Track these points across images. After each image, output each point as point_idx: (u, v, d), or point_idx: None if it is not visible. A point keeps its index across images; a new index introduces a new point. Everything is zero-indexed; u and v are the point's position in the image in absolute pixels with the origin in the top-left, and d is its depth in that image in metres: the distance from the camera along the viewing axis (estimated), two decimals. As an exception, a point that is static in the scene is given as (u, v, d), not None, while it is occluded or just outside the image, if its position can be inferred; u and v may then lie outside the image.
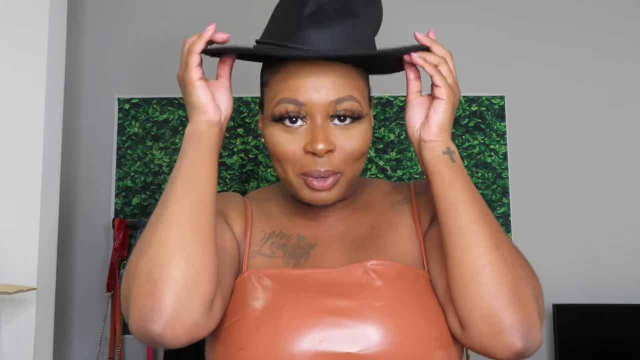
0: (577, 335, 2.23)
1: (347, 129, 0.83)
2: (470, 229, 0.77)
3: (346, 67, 0.84)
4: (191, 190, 0.76)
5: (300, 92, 0.81)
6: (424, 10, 2.56)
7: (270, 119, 0.85)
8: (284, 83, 0.83)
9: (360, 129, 0.83)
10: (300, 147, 0.82)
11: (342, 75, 0.82)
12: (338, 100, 0.81)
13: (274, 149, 0.84)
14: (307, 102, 0.81)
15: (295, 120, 0.82)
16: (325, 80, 0.81)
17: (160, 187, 2.42)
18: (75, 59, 2.50)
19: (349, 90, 0.82)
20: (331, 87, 0.81)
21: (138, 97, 2.47)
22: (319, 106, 0.81)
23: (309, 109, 0.81)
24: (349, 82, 0.83)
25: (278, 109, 0.82)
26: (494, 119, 2.46)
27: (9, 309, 1.57)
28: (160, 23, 2.53)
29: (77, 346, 2.37)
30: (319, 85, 0.81)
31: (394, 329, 0.77)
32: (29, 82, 1.64)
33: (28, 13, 1.66)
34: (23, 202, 1.60)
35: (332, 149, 0.81)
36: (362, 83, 0.86)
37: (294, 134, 0.82)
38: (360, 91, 0.84)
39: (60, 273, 2.39)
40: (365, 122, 0.84)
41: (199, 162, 0.78)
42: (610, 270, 2.39)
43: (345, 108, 0.82)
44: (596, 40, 2.53)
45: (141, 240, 0.75)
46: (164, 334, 0.70)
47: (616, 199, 2.43)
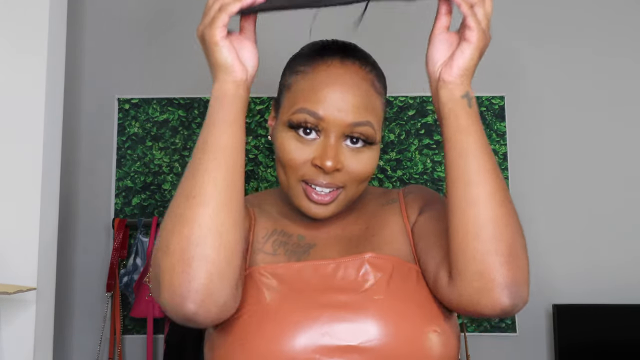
0: (577, 335, 2.23)
1: (358, 152, 0.83)
2: (478, 179, 0.76)
3: (370, 90, 0.85)
4: (223, 161, 0.74)
5: (322, 106, 0.82)
6: (424, 11, 2.55)
7: (285, 124, 0.85)
8: (307, 93, 0.84)
9: (370, 154, 0.84)
10: (309, 158, 0.82)
11: (365, 99, 0.83)
12: (355, 124, 0.82)
13: (282, 155, 0.84)
14: (326, 117, 0.82)
15: (310, 132, 0.83)
16: (348, 101, 0.82)
17: (160, 187, 2.42)
18: (75, 59, 2.50)
19: (368, 115, 0.83)
20: (352, 109, 0.82)
21: (138, 97, 2.47)
22: (336, 124, 0.82)
23: (326, 125, 0.82)
24: (370, 106, 0.84)
25: (296, 117, 0.83)
26: (494, 119, 2.46)
27: (9, 309, 1.57)
28: (161, 23, 2.53)
29: (77, 346, 2.37)
30: (341, 105, 0.82)
31: (393, 321, 0.79)
32: (29, 82, 1.64)
33: (28, 13, 1.66)
34: (23, 202, 1.60)
35: (339, 169, 0.82)
36: (380, 108, 0.87)
37: (305, 145, 0.83)
38: (377, 117, 0.86)
39: (60, 273, 2.39)
40: (375, 148, 0.85)
41: (228, 128, 0.76)
42: (610, 270, 2.39)
43: (361, 132, 0.82)
44: (596, 41, 2.53)
45: (173, 214, 0.75)
46: (198, 313, 0.71)
47: (616, 199, 2.43)
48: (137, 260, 2.28)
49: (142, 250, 2.29)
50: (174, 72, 2.50)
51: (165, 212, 0.77)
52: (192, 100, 2.47)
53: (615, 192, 2.44)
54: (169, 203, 0.80)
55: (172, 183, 2.42)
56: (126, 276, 2.26)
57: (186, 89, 2.49)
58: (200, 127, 0.78)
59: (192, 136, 2.46)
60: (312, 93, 0.83)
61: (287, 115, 0.85)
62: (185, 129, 2.46)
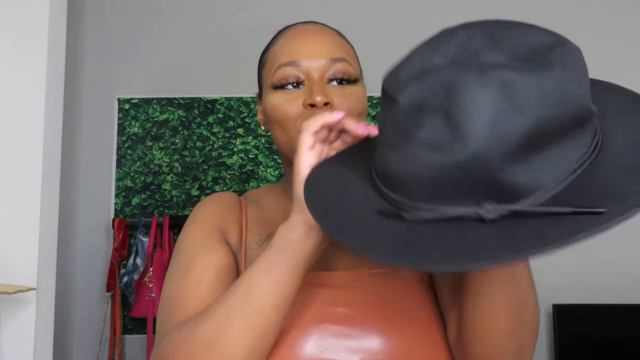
0: (577, 335, 2.23)
1: (343, 89, 0.84)
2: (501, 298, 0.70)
3: (339, 37, 0.88)
4: (266, 322, 0.69)
5: (297, 55, 0.84)
6: (425, 10, 2.56)
7: (270, 87, 0.86)
8: (280, 51, 0.86)
9: (356, 90, 0.85)
10: (300, 104, 0.83)
11: (336, 41, 0.86)
12: (333, 60, 0.84)
13: (274, 113, 0.84)
14: (304, 62, 0.83)
15: (295, 85, 0.84)
16: (321, 44, 0.85)
17: (160, 187, 2.42)
18: (75, 59, 2.50)
19: (342, 53, 0.85)
20: (325, 49, 0.84)
21: (138, 97, 2.47)
22: (315, 67, 0.83)
23: (306, 71, 0.83)
24: (343, 47, 0.87)
25: (277, 75, 0.84)
26: (494, 119, 2.46)
27: (9, 309, 1.57)
28: (161, 23, 2.53)
29: (77, 346, 2.37)
30: (315, 49, 0.84)
31: (396, 337, 0.77)
32: (29, 82, 1.64)
33: (28, 13, 1.66)
34: (23, 202, 1.60)
35: (330, 102, 0.81)
36: (353, 52, 0.89)
37: (293, 96, 0.83)
38: (352, 58, 0.87)
39: (60, 273, 2.39)
40: (360, 86, 0.86)
41: (288, 289, 0.70)
42: (610, 270, 2.39)
43: (341, 69, 0.84)
44: (595, 40, 2.53)
45: (187, 350, 0.70)
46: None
47: (616, 199, 2.43)
48: (137, 260, 2.28)
49: (142, 250, 2.29)
50: (174, 72, 2.50)
51: (169, 348, 0.72)
52: (192, 100, 2.47)
53: (615, 192, 2.44)
54: (169, 203, 0.78)
55: (172, 183, 2.43)
56: (126, 276, 2.27)
57: (186, 89, 2.49)
58: (200, 127, 0.76)
59: (192, 136, 2.46)
60: (285, 49, 0.85)
61: (269, 79, 0.86)
62: (185, 129, 2.46)
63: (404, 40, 2.21)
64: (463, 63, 0.54)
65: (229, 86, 2.49)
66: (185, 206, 2.40)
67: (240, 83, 2.49)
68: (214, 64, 2.50)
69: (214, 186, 2.42)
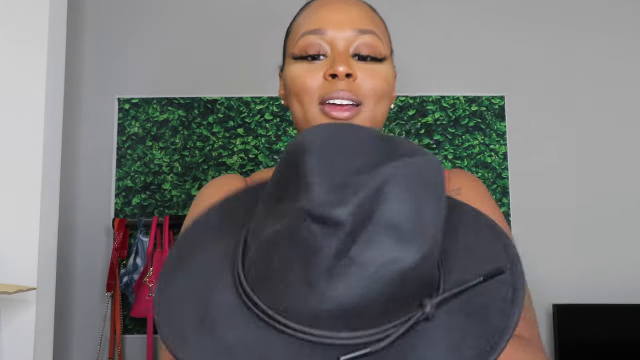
0: (577, 335, 2.23)
1: (368, 65, 0.78)
2: None
3: (370, 10, 0.81)
4: None
5: (322, 23, 0.78)
6: (425, 10, 2.56)
7: (291, 57, 0.80)
8: (305, 20, 0.80)
9: (382, 68, 0.78)
10: (320, 75, 0.77)
11: (366, 13, 0.80)
12: (360, 31, 0.78)
13: (293, 84, 0.78)
14: (329, 31, 0.77)
15: (317, 56, 0.78)
16: (349, 12, 0.79)
17: (160, 187, 2.42)
18: (75, 59, 2.50)
19: (371, 25, 0.79)
20: (353, 19, 0.78)
21: (138, 97, 2.47)
22: (340, 37, 0.77)
23: (331, 40, 0.77)
24: (373, 20, 0.80)
25: (300, 43, 0.78)
26: (494, 119, 2.46)
27: (9, 309, 1.57)
28: (161, 23, 2.53)
29: (77, 346, 2.36)
30: (342, 17, 0.78)
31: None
32: (29, 82, 1.64)
33: (28, 13, 1.66)
34: (23, 202, 1.60)
35: (352, 74, 0.75)
36: (384, 27, 0.82)
37: (315, 67, 0.78)
38: (382, 32, 0.81)
39: (60, 273, 2.39)
40: (387, 65, 0.80)
41: None
42: (610, 270, 2.39)
43: (368, 42, 0.77)
44: (595, 41, 2.53)
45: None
46: None
47: (616, 199, 2.43)
48: (137, 260, 2.28)
49: (142, 250, 2.29)
50: (174, 72, 2.50)
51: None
52: (192, 100, 2.47)
53: (616, 191, 2.44)
54: (169, 203, 0.75)
55: (172, 183, 2.42)
56: (126, 276, 2.26)
57: (186, 89, 2.49)
58: (200, 127, 0.70)
59: (192, 136, 2.46)
60: (310, 17, 0.79)
61: (291, 50, 0.80)
62: (185, 128, 2.46)
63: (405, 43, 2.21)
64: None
65: (229, 86, 2.48)
66: (186, 206, 2.40)
67: (240, 83, 2.49)
68: (214, 64, 2.50)
69: (214, 186, 2.42)
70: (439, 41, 2.53)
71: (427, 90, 2.50)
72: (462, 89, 2.49)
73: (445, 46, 2.53)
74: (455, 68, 2.51)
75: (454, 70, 2.51)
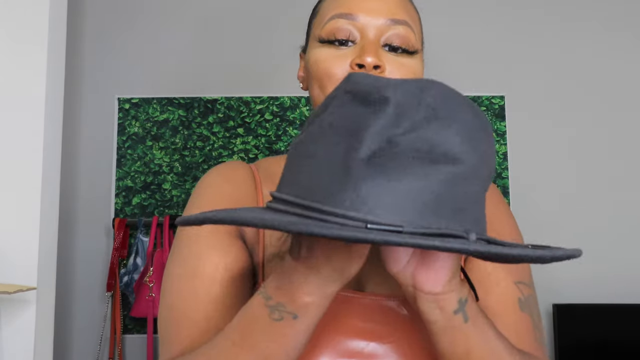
0: (577, 335, 2.23)
1: (399, 57, 0.72)
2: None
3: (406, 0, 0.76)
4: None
5: (354, 8, 0.72)
6: (425, 10, 2.56)
7: (317, 40, 0.74)
8: (335, 2, 0.74)
9: (412, 62, 0.73)
10: (347, 63, 0.71)
11: (401, 3, 0.75)
12: (393, 21, 0.72)
13: (316, 68, 0.73)
14: (360, 16, 0.72)
15: (345, 42, 0.72)
16: (382, 1, 0.73)
17: (161, 186, 2.42)
18: (75, 58, 2.50)
19: (405, 15, 0.74)
20: (388, 7, 0.73)
21: (138, 97, 2.47)
22: (372, 24, 0.72)
23: (362, 27, 0.72)
24: (406, 10, 0.75)
25: (328, 26, 0.73)
26: (494, 119, 2.46)
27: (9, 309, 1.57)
28: (161, 23, 2.53)
29: (77, 346, 2.37)
30: (374, 4, 0.72)
31: (417, 352, 0.69)
32: (30, 82, 1.64)
33: (28, 13, 1.66)
34: (23, 202, 1.60)
35: (381, 67, 0.70)
36: (418, 19, 0.77)
37: (341, 52, 0.72)
38: (415, 23, 0.76)
39: (60, 273, 2.39)
40: (418, 60, 0.74)
41: (304, 341, 0.59)
42: (611, 270, 2.39)
43: (400, 33, 0.72)
44: (596, 41, 2.53)
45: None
46: None
47: (616, 199, 2.43)
48: (137, 259, 2.28)
49: (142, 250, 2.29)
50: (174, 72, 2.50)
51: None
52: (192, 100, 2.47)
53: (616, 191, 2.44)
54: (169, 203, 0.72)
55: (172, 183, 2.43)
56: (126, 276, 2.27)
57: (186, 88, 2.49)
58: (200, 127, 0.66)
59: (192, 136, 2.46)
60: (342, 0, 0.73)
61: (318, 31, 0.74)
62: (186, 128, 2.46)
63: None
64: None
65: (229, 86, 2.49)
66: (185, 206, 2.40)
67: (240, 83, 2.49)
68: (214, 64, 2.50)
69: (214, 186, 2.42)
70: (439, 41, 2.53)
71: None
72: (462, 89, 2.49)
73: (445, 46, 2.53)
74: (456, 68, 2.51)
75: (454, 70, 2.51)
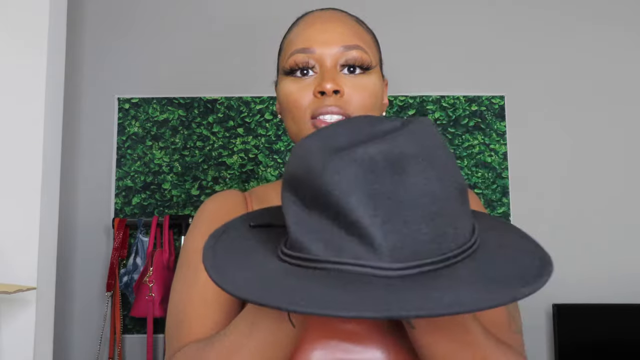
0: (577, 335, 2.23)
1: (356, 78, 0.83)
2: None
3: (356, 25, 0.86)
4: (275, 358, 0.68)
5: (310, 42, 0.83)
6: (425, 10, 2.56)
7: (283, 74, 0.85)
8: (295, 38, 0.85)
9: (369, 81, 0.83)
10: (311, 92, 0.82)
11: (352, 28, 0.85)
12: (346, 47, 0.82)
13: (286, 100, 0.83)
14: (316, 49, 0.82)
15: (306, 72, 0.83)
16: (335, 30, 0.83)
17: (160, 186, 2.42)
18: (75, 59, 2.50)
19: (357, 40, 0.84)
20: (339, 36, 0.83)
21: (138, 97, 2.47)
22: (327, 53, 0.82)
23: (319, 57, 0.82)
24: (358, 35, 0.85)
25: (290, 61, 0.83)
26: (494, 119, 2.46)
27: (9, 309, 1.57)
28: (161, 23, 2.53)
29: (77, 346, 2.37)
30: (329, 35, 0.83)
31: (402, 352, 0.75)
32: (29, 82, 1.64)
33: (28, 13, 1.66)
34: (23, 202, 1.60)
35: (340, 90, 0.80)
36: (370, 39, 0.87)
37: (305, 83, 0.83)
38: (368, 45, 0.85)
39: (60, 273, 2.39)
40: (374, 75, 0.84)
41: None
42: (610, 270, 2.39)
43: (354, 56, 0.82)
44: (596, 41, 2.53)
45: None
46: None
47: (616, 199, 2.43)
48: (137, 259, 2.28)
49: (142, 249, 2.29)
50: (174, 72, 2.50)
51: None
52: (192, 100, 2.47)
53: (616, 191, 2.44)
54: (169, 203, 0.77)
55: (172, 183, 2.43)
56: (126, 276, 2.27)
57: (186, 88, 2.49)
58: (200, 127, 0.73)
59: (192, 135, 2.46)
60: (300, 36, 0.84)
61: (282, 66, 0.86)
62: (185, 128, 2.46)
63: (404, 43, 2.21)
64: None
65: (229, 86, 2.49)
66: (185, 206, 2.40)
67: (240, 83, 2.49)
68: (214, 64, 2.50)
69: (214, 186, 2.42)
70: (439, 41, 2.53)
71: (427, 90, 2.50)
72: (462, 89, 2.49)
73: (446, 46, 2.53)
74: (455, 68, 2.51)
75: (454, 70, 2.51)
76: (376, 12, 2.55)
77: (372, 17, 2.54)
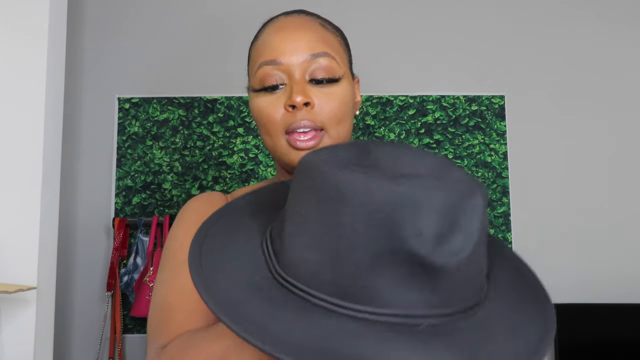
0: (577, 335, 2.23)
1: (325, 88, 0.82)
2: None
3: (322, 30, 0.85)
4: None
5: (277, 53, 0.82)
6: (425, 10, 2.56)
7: (252, 90, 0.85)
8: (262, 47, 0.84)
9: (338, 89, 0.83)
10: (282, 106, 0.81)
11: (317, 34, 0.83)
12: (313, 56, 0.81)
13: (259, 115, 0.83)
14: (283, 60, 0.81)
15: (275, 87, 0.82)
16: (301, 38, 0.82)
17: (161, 186, 2.42)
18: (75, 59, 2.50)
19: (323, 47, 0.83)
20: (306, 44, 0.82)
21: (138, 97, 2.47)
22: (294, 64, 0.81)
23: (286, 68, 0.81)
24: (324, 40, 0.84)
25: (258, 76, 0.83)
26: (494, 119, 2.46)
27: (9, 308, 1.57)
28: (161, 23, 2.53)
29: (77, 346, 2.37)
30: (294, 45, 0.82)
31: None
32: (29, 82, 1.64)
33: (28, 13, 1.66)
34: (23, 202, 1.60)
35: (309, 102, 0.80)
36: (338, 44, 0.86)
37: (275, 96, 0.82)
38: (336, 51, 0.84)
39: (60, 273, 2.39)
40: (344, 84, 0.84)
41: None
42: (610, 270, 2.39)
43: (322, 66, 0.81)
44: (596, 40, 2.53)
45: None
46: None
47: (616, 199, 2.43)
48: (137, 259, 2.28)
49: (142, 249, 2.29)
50: (174, 72, 2.50)
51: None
52: (192, 100, 2.47)
53: (616, 191, 2.44)
54: (169, 202, 0.77)
55: (172, 182, 2.43)
56: (126, 275, 2.27)
57: (186, 88, 2.49)
58: (200, 126, 0.74)
59: (192, 135, 2.46)
60: (266, 46, 0.83)
61: (251, 82, 0.85)
62: (186, 128, 2.46)
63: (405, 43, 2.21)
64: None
65: (229, 86, 2.48)
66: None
67: (241, 83, 2.49)
68: (214, 64, 2.50)
69: (214, 185, 2.42)
70: (439, 41, 2.53)
71: (427, 89, 2.50)
72: (462, 89, 2.49)
73: (446, 46, 2.53)
74: (455, 68, 2.51)
75: (454, 70, 2.51)
76: (376, 12, 2.55)
77: (372, 17, 2.54)
